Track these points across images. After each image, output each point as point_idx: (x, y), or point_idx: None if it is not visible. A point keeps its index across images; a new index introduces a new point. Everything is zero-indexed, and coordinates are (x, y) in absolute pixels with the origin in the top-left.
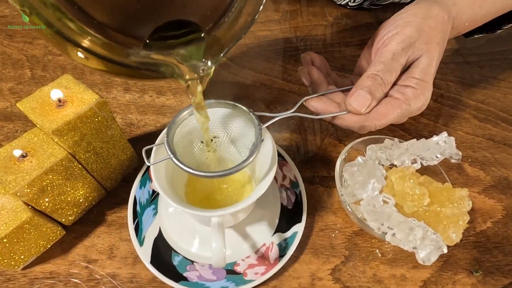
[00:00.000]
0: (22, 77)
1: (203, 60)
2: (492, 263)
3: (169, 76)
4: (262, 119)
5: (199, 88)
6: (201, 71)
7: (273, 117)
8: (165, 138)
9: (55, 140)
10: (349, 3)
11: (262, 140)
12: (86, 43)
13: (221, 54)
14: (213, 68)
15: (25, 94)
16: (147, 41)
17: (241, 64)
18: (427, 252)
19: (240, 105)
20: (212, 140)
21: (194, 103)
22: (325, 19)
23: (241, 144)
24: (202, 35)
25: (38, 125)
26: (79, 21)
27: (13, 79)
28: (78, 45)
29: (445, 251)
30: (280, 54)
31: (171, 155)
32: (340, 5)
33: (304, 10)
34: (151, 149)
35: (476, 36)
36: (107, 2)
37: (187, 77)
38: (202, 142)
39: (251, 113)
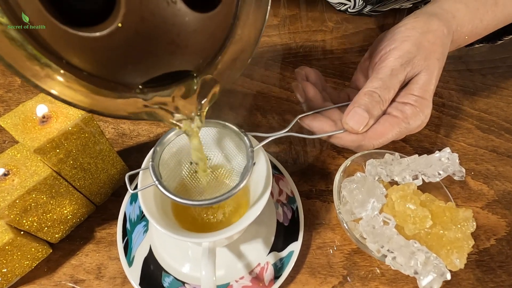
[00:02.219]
0: (11, 84)
1: (198, 102)
2: (496, 283)
3: (162, 121)
4: (254, 138)
5: (195, 128)
6: (195, 112)
7: (266, 138)
8: (150, 163)
9: (39, 158)
10: (349, 9)
11: (254, 164)
12: (71, 95)
13: (216, 95)
14: (207, 108)
15: (14, 102)
16: (140, 86)
17: None
18: (430, 280)
19: (231, 125)
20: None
21: (190, 142)
22: (325, 25)
23: (233, 166)
24: (195, 74)
25: (20, 143)
26: (66, 71)
27: (2, 87)
28: (62, 101)
29: (449, 278)
30: (278, 61)
31: (156, 182)
32: (340, 11)
33: (303, 15)
34: (134, 175)
35: (477, 45)
36: (96, 60)
37: (181, 116)
38: (191, 163)
39: (242, 134)
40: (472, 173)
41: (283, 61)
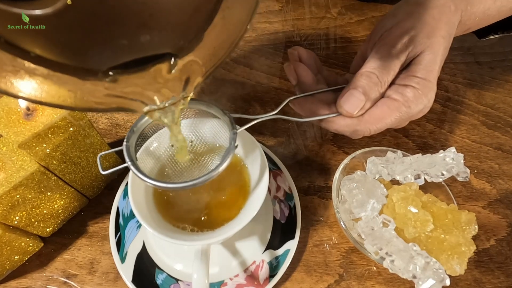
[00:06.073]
0: None
1: (179, 86)
2: (494, 284)
3: (135, 112)
4: (243, 122)
5: (175, 117)
6: (176, 99)
7: (252, 120)
8: (125, 143)
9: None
10: None
11: (236, 146)
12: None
13: (200, 79)
14: (191, 94)
15: None
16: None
17: (236, 59)
18: (428, 286)
19: (215, 106)
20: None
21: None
22: (329, 12)
23: (216, 149)
24: (175, 55)
25: (3, 137)
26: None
27: None
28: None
29: (448, 283)
30: (279, 50)
31: (130, 163)
32: None
33: (306, 1)
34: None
35: (491, 37)
36: (44, 42)
37: (157, 105)
38: (172, 146)
39: (226, 115)
40: (475, 171)
41: (285, 50)
